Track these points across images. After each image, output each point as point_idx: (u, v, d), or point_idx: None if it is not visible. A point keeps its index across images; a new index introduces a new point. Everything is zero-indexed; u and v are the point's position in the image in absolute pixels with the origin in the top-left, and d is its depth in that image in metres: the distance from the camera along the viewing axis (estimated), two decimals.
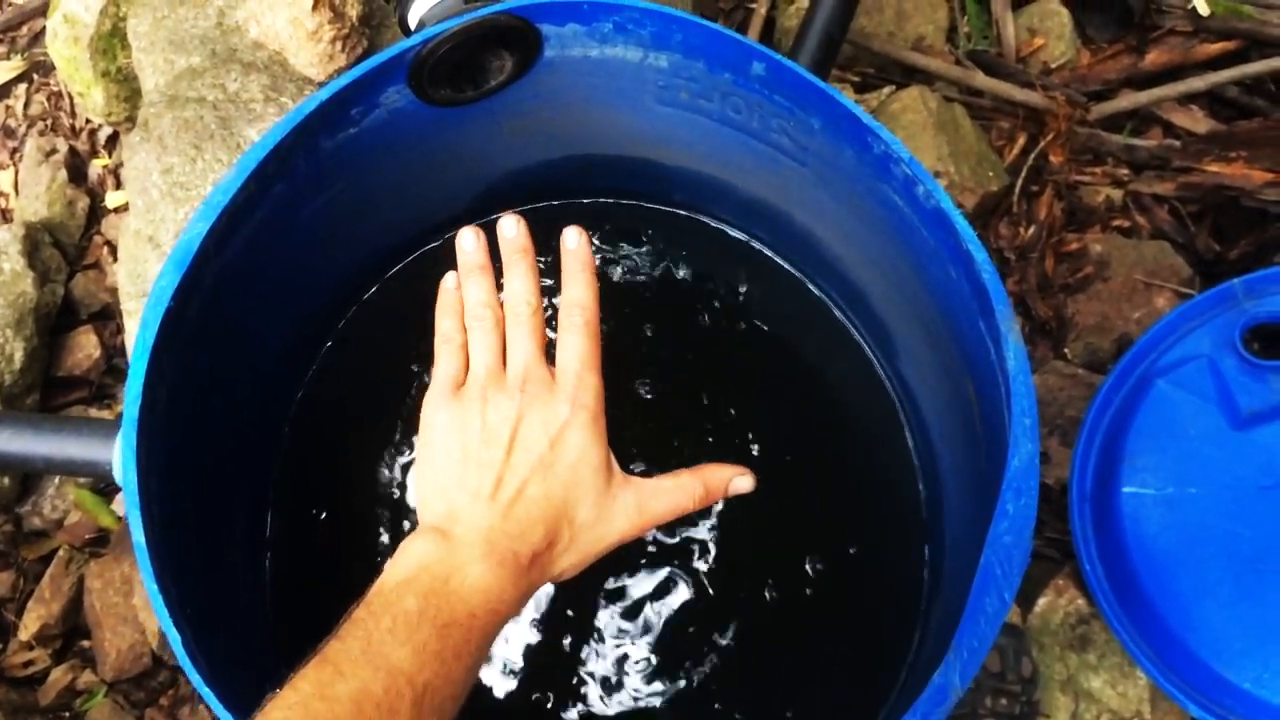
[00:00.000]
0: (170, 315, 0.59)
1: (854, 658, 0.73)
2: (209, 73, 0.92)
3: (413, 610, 0.50)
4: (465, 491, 0.57)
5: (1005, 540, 0.53)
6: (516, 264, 0.64)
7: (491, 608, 0.53)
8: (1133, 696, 0.99)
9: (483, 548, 0.54)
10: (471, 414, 0.60)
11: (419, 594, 0.51)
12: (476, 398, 0.60)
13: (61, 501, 1.18)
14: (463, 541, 0.55)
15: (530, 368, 0.61)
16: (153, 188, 0.89)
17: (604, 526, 0.59)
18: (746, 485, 0.65)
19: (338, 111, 0.65)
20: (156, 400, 0.60)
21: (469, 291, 0.64)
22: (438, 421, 0.61)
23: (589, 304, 0.63)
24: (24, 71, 1.40)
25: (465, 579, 0.53)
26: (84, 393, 1.23)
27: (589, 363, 0.61)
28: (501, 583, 0.54)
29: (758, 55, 0.64)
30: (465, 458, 0.58)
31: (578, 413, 0.59)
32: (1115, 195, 1.22)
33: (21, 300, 1.17)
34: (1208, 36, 1.25)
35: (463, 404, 0.60)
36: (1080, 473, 1.00)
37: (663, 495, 0.62)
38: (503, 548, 0.55)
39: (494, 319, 0.63)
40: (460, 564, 0.53)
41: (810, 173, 0.71)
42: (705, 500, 0.63)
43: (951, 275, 0.63)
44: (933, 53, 1.29)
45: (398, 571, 0.53)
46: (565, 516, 0.58)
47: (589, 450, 0.59)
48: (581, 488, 0.58)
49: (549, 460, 0.58)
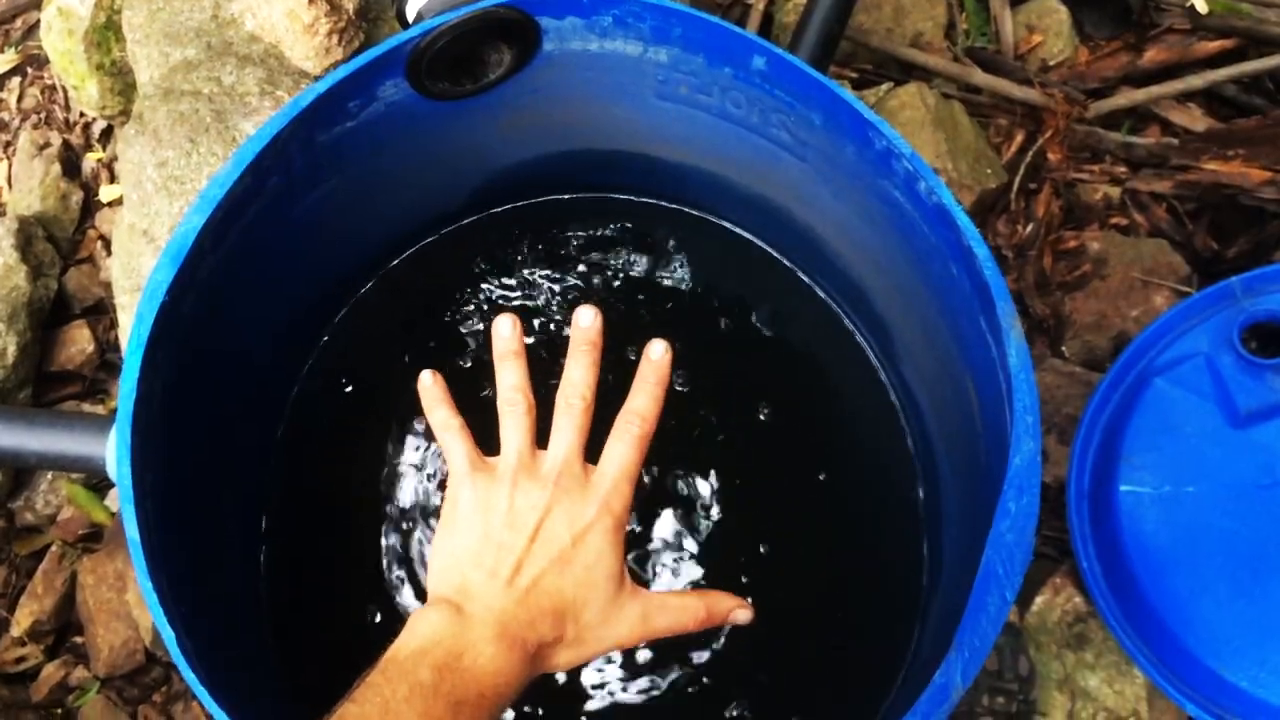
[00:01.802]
0: (165, 310, 0.58)
1: (853, 655, 0.73)
2: (204, 66, 0.92)
3: (427, 683, 0.51)
4: (483, 570, 0.58)
5: (1007, 539, 0.53)
6: (584, 355, 0.64)
7: (499, 690, 0.54)
8: (1129, 695, 0.99)
9: (495, 629, 0.55)
10: (500, 495, 0.60)
11: (433, 667, 0.52)
12: (507, 480, 0.61)
13: (54, 497, 1.18)
14: (476, 620, 0.55)
15: (569, 461, 0.62)
16: (147, 181, 0.89)
17: (607, 630, 0.60)
18: (745, 618, 0.65)
19: (334, 105, 0.65)
20: (151, 396, 0.59)
21: (504, 375, 0.65)
22: (463, 497, 0.61)
23: (649, 417, 0.63)
24: (18, 64, 1.39)
25: (478, 658, 0.53)
26: (77, 387, 1.23)
27: (628, 474, 0.62)
28: (511, 666, 0.54)
29: (758, 49, 0.64)
30: (487, 536, 0.59)
31: (604, 517, 0.60)
32: (1113, 193, 1.22)
33: (14, 294, 1.17)
34: (1206, 34, 1.25)
35: (491, 484, 0.61)
36: (1078, 471, 1.00)
37: (667, 612, 0.62)
38: (514, 633, 0.55)
39: (527, 405, 0.64)
40: (473, 642, 0.54)
41: (810, 168, 0.70)
42: (705, 624, 0.63)
43: (953, 272, 0.62)
44: (931, 49, 1.28)
45: (412, 640, 0.54)
46: (573, 614, 0.58)
47: (607, 556, 0.60)
48: (594, 590, 0.59)
49: (568, 556, 0.59)
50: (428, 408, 0.67)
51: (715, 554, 0.74)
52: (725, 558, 0.74)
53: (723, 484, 0.76)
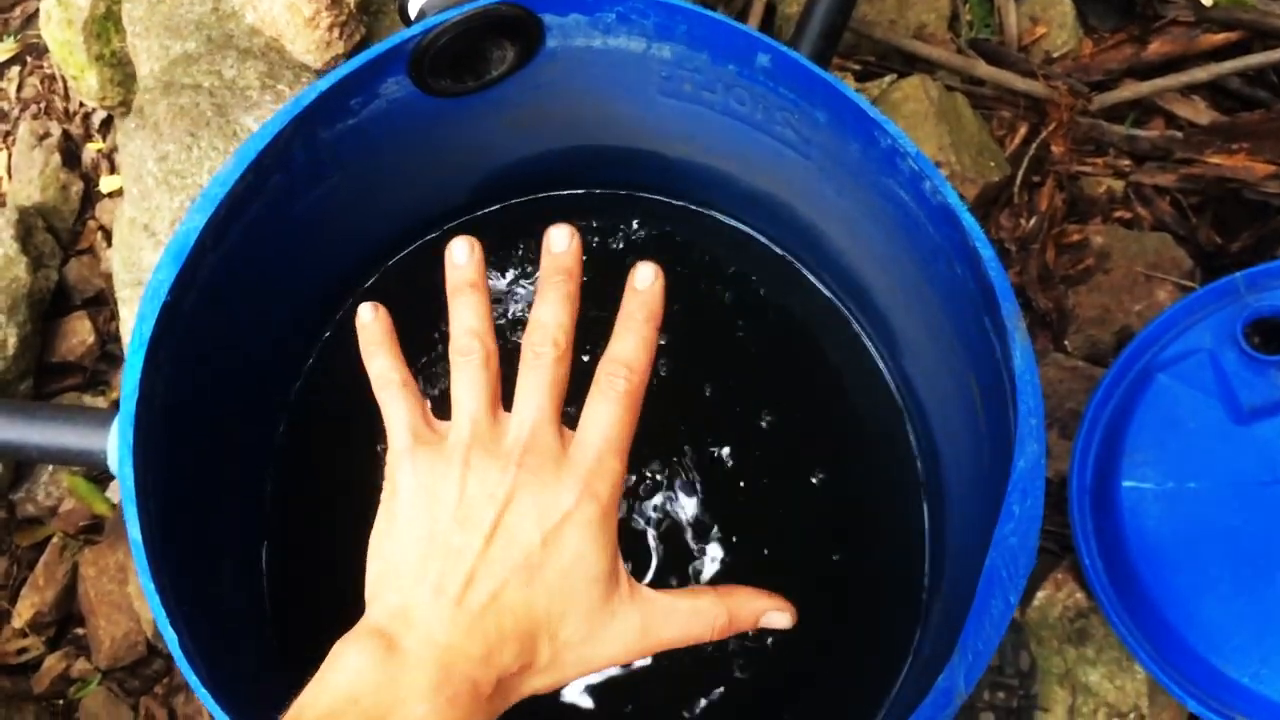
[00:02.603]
0: (167, 309, 0.58)
1: (853, 656, 0.73)
2: (205, 59, 0.91)
3: None
4: (425, 586, 0.45)
5: (1011, 542, 0.53)
6: (557, 287, 0.50)
7: None
8: (1131, 690, 0.99)
9: (434, 676, 0.43)
10: (448, 480, 0.47)
11: None
12: (458, 459, 0.47)
13: (55, 488, 1.18)
14: (410, 663, 0.43)
15: (538, 430, 0.48)
16: (148, 175, 0.88)
17: (594, 648, 0.47)
18: (784, 622, 0.52)
19: (337, 102, 0.65)
20: (153, 394, 0.59)
21: (457, 314, 0.51)
22: (403, 482, 0.48)
23: (640, 367, 0.49)
24: (17, 54, 1.38)
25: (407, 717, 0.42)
26: (78, 379, 1.23)
27: (616, 444, 0.48)
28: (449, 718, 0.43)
29: (763, 47, 0.64)
30: (432, 538, 0.46)
31: (585, 504, 0.46)
32: (1117, 186, 1.22)
33: (14, 285, 1.16)
34: (1210, 27, 1.25)
35: (438, 462, 0.48)
36: (1080, 466, 1.00)
37: (675, 620, 0.49)
38: (460, 676, 0.43)
39: (486, 354, 0.50)
40: (401, 702, 0.42)
41: (814, 166, 0.70)
42: (727, 631, 0.50)
43: (957, 272, 0.62)
44: (934, 41, 1.28)
45: (323, 696, 0.43)
46: (547, 633, 0.46)
47: (591, 553, 0.46)
48: (574, 600, 0.46)
49: (538, 560, 0.45)
50: (366, 353, 0.54)
51: (713, 554, 0.74)
52: (724, 557, 0.74)
53: (722, 482, 0.76)
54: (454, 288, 0.52)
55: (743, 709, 0.71)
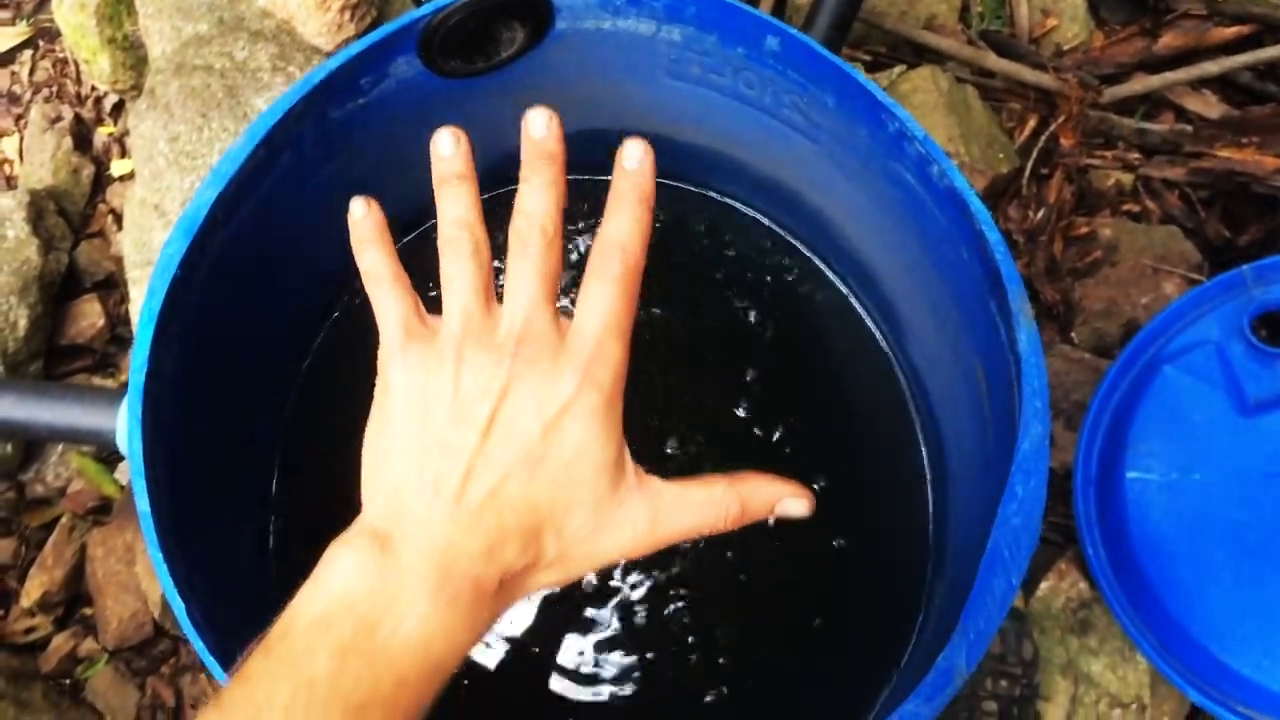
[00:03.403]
0: (177, 283, 0.59)
1: (856, 637, 0.73)
2: (216, 41, 0.92)
3: (321, 678, 0.38)
4: (421, 485, 0.44)
5: (1014, 523, 0.53)
6: (540, 172, 0.47)
7: (434, 663, 0.41)
8: (1133, 681, 0.99)
9: (432, 576, 0.41)
10: (441, 375, 0.45)
11: (335, 651, 0.39)
12: (450, 355, 0.45)
13: (64, 469, 1.18)
14: (409, 561, 0.42)
15: (532, 319, 0.45)
16: (159, 156, 0.89)
17: (602, 541, 0.45)
18: (800, 509, 0.50)
19: (347, 81, 0.65)
20: (162, 369, 0.60)
21: (444, 206, 0.48)
22: (395, 379, 0.46)
23: (635, 248, 0.47)
24: (30, 37, 1.39)
25: (401, 627, 0.40)
26: (88, 361, 1.23)
27: (615, 327, 0.46)
28: (451, 626, 0.41)
29: (772, 29, 0.64)
30: (427, 435, 0.44)
31: (586, 393, 0.44)
32: (1126, 179, 1.22)
33: (25, 267, 1.17)
34: (1222, 21, 1.24)
35: (430, 358, 0.46)
36: (1085, 457, 1.00)
37: (687, 509, 0.47)
38: (460, 574, 0.42)
39: (475, 243, 0.47)
40: (399, 601, 0.41)
41: (823, 150, 0.70)
42: (741, 520, 0.49)
43: (963, 256, 0.62)
44: (945, 32, 1.28)
45: (315, 602, 0.42)
46: (552, 527, 0.44)
47: (593, 444, 0.44)
48: (580, 491, 0.44)
49: (539, 453, 0.43)
50: (358, 249, 0.51)
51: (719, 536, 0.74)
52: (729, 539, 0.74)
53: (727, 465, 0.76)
54: (440, 179, 0.49)
55: (744, 692, 0.71)
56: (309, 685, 0.38)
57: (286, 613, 0.41)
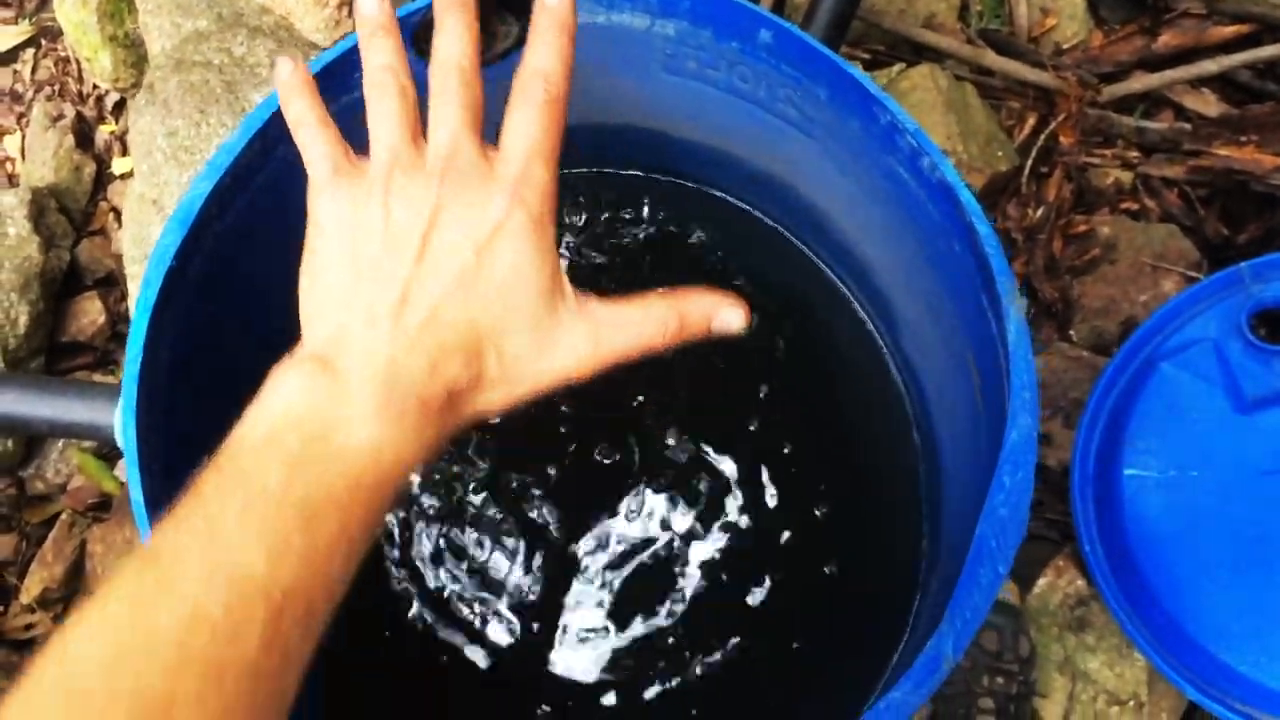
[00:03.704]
0: (172, 274, 0.59)
1: (852, 630, 0.73)
2: (215, 37, 0.92)
3: (274, 488, 0.39)
4: (358, 311, 0.44)
5: (1001, 513, 0.53)
6: (453, 10, 0.48)
7: (384, 474, 0.41)
8: (1130, 678, 0.99)
9: (378, 391, 0.42)
10: (370, 206, 0.45)
11: (284, 463, 0.39)
12: (379, 186, 0.46)
13: (65, 466, 1.19)
14: (351, 380, 0.42)
15: (458, 147, 0.46)
16: (157, 151, 0.89)
17: (544, 361, 0.46)
18: (736, 322, 0.50)
19: (341, 75, 0.65)
20: (158, 361, 0.60)
21: (369, 56, 0.48)
22: (324, 214, 0.47)
23: (558, 77, 0.48)
24: (32, 36, 1.39)
25: (350, 438, 0.41)
26: (88, 358, 1.23)
27: (541, 152, 0.46)
28: (400, 438, 0.42)
29: (765, 23, 0.64)
30: (359, 265, 0.45)
31: (516, 214, 0.45)
32: (1125, 178, 1.22)
33: (27, 264, 1.17)
34: (1221, 19, 1.25)
35: (358, 192, 0.46)
36: (1082, 454, 1.00)
37: (626, 327, 0.47)
38: (404, 389, 0.42)
39: (400, 86, 0.47)
40: (345, 415, 0.41)
41: (817, 144, 0.71)
42: (680, 335, 0.49)
43: (955, 249, 0.62)
44: (944, 31, 1.28)
45: (262, 421, 0.42)
46: (493, 346, 0.45)
47: (527, 264, 0.45)
48: (516, 311, 0.45)
49: (472, 274, 0.44)
50: (284, 102, 0.51)
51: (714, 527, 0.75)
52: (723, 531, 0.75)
53: (721, 456, 0.76)
54: (365, 34, 0.49)
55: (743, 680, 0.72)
56: (262, 493, 0.38)
57: (233, 435, 0.41)
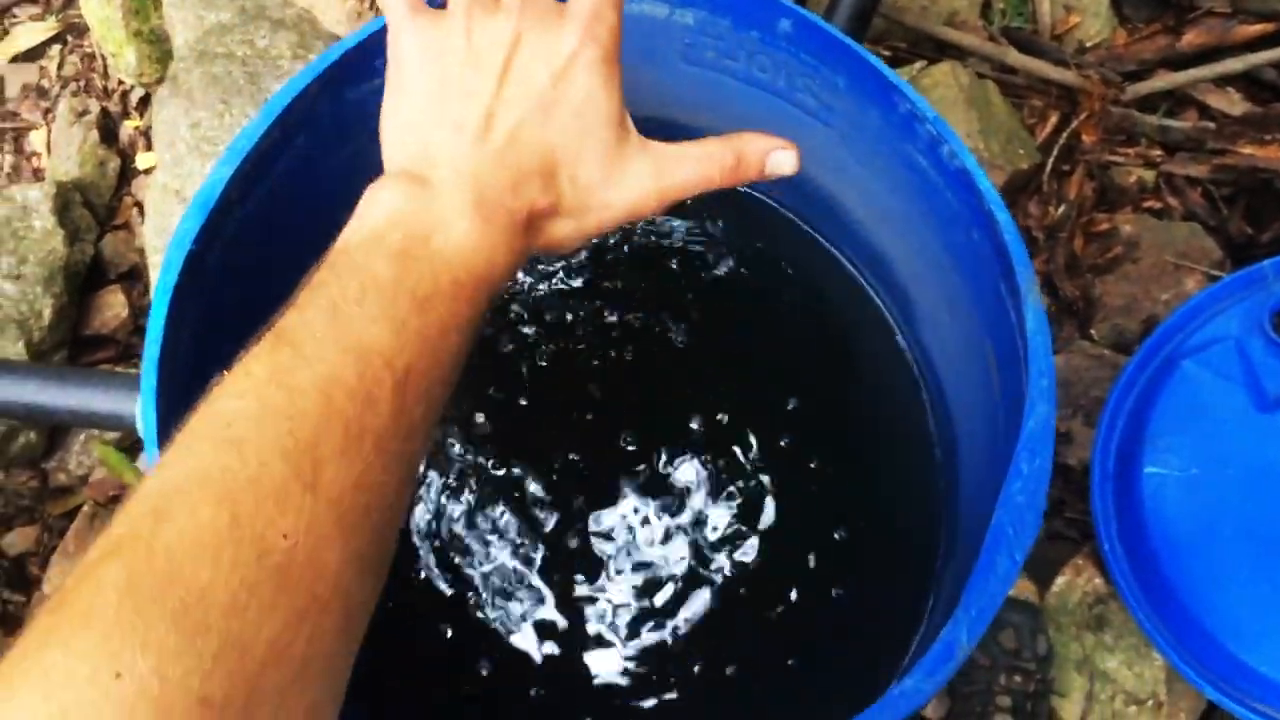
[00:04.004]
0: (192, 259, 0.59)
1: (868, 619, 0.73)
2: (238, 29, 0.93)
3: (386, 277, 0.41)
4: (446, 127, 0.47)
5: (1018, 500, 0.53)
6: None
7: (482, 273, 0.44)
8: (1149, 678, 0.99)
9: (470, 197, 0.44)
10: (453, 34, 0.48)
11: (392, 256, 0.42)
12: (459, 15, 0.48)
13: (87, 458, 1.19)
14: (445, 189, 0.45)
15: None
16: (180, 142, 0.90)
17: (613, 191, 0.49)
18: (789, 164, 0.52)
19: (362, 61, 0.65)
20: (177, 347, 0.60)
21: None
22: (406, 47, 0.48)
23: None
24: (58, 33, 1.40)
25: (450, 237, 0.43)
26: (111, 352, 1.24)
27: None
28: (493, 242, 0.44)
29: (785, 11, 0.64)
30: (445, 86, 0.47)
31: (589, 47, 0.47)
32: (1147, 176, 1.21)
33: (51, 258, 1.18)
34: (1246, 18, 1.24)
35: (440, 23, 0.48)
36: (1102, 453, 1.00)
37: (687, 163, 0.50)
38: (493, 200, 0.45)
39: None
40: (443, 218, 0.44)
41: (835, 133, 0.71)
42: (735, 175, 0.51)
43: (974, 238, 0.62)
44: (966, 28, 1.28)
45: (364, 226, 0.44)
46: (568, 172, 0.47)
47: (599, 94, 0.47)
48: (589, 139, 0.47)
49: (550, 99, 0.47)
50: None
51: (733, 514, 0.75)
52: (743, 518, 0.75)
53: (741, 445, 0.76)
54: None
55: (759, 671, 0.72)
56: (375, 282, 0.41)
57: (338, 241, 0.44)
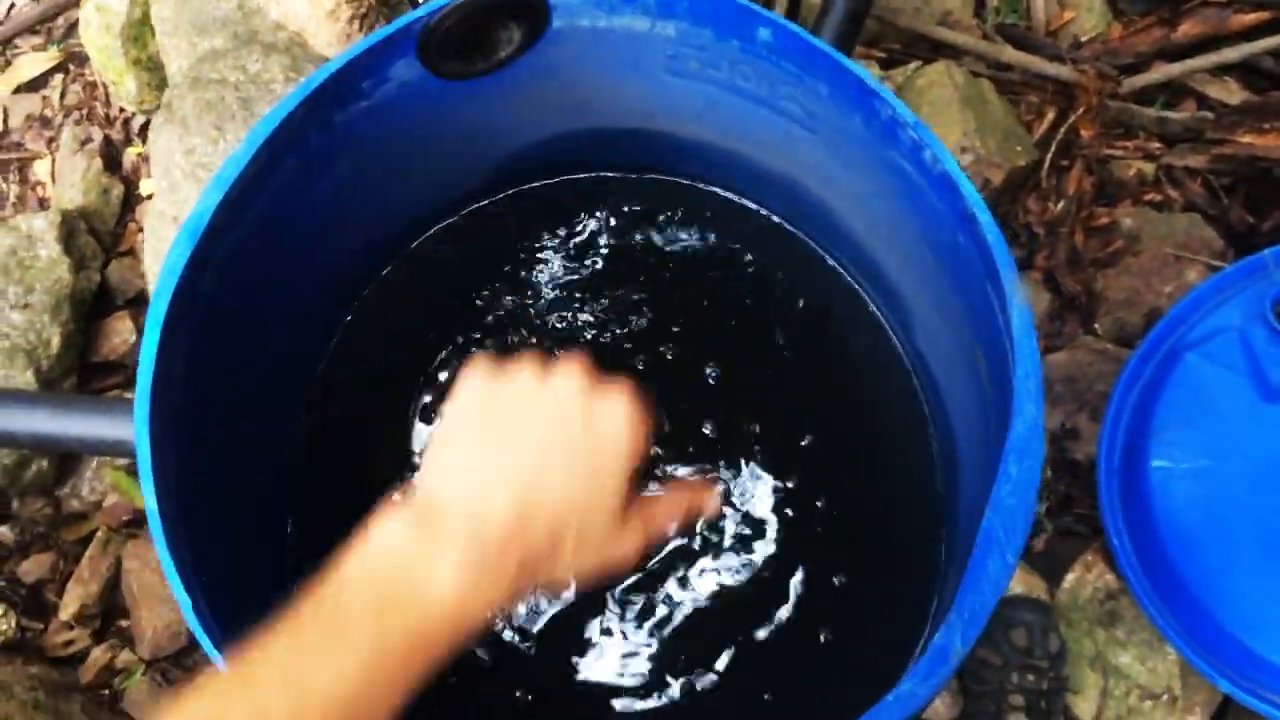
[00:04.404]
0: (182, 287, 0.60)
1: (872, 625, 0.73)
2: (230, 54, 0.93)
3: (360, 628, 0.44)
4: (473, 464, 0.50)
5: (1008, 503, 0.53)
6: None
7: (452, 620, 0.46)
8: (1162, 672, 0.98)
9: (471, 547, 0.47)
10: (509, 381, 0.52)
11: (373, 611, 0.45)
12: (521, 368, 0.53)
13: (99, 484, 1.20)
14: (445, 534, 0.47)
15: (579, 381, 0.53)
16: (176, 169, 0.91)
17: (610, 550, 0.53)
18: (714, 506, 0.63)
19: (347, 84, 0.66)
20: (171, 372, 0.61)
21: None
22: (470, 381, 0.53)
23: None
24: (60, 62, 1.42)
25: (433, 579, 0.46)
26: (119, 378, 1.25)
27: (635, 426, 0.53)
28: (476, 595, 0.47)
29: (764, 21, 0.64)
30: (485, 424, 0.51)
31: (626, 412, 0.52)
32: (1146, 169, 1.21)
33: (58, 286, 1.19)
34: (1241, 7, 1.23)
35: (502, 371, 0.53)
36: (1108, 447, 0.99)
37: (660, 518, 0.56)
38: (491, 545, 0.48)
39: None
40: (433, 558, 0.46)
41: (820, 141, 0.71)
42: (691, 517, 0.59)
43: (960, 240, 0.62)
44: (960, 27, 1.27)
45: (365, 565, 0.47)
46: (576, 527, 0.50)
47: (614, 484, 0.51)
48: (606, 498, 0.51)
49: (582, 454, 0.51)
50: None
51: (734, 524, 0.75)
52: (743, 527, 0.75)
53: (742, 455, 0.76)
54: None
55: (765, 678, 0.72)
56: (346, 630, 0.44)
57: (338, 569, 0.47)
